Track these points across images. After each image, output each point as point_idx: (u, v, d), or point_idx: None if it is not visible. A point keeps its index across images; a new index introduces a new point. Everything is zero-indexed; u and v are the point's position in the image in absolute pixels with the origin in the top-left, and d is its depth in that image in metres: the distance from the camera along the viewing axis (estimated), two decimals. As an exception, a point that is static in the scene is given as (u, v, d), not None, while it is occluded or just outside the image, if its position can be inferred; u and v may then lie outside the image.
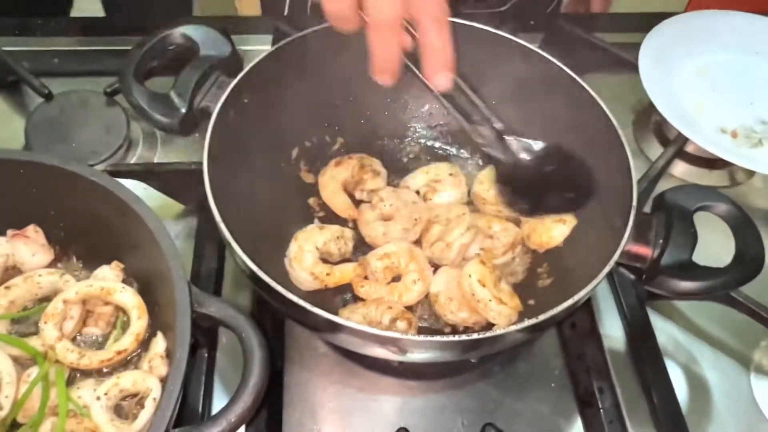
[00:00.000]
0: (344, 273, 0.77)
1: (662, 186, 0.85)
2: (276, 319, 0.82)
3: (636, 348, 0.83)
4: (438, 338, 0.61)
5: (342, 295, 0.80)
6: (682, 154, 1.01)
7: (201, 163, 0.91)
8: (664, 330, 0.86)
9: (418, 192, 0.88)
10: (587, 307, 0.85)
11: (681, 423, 0.77)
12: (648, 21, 1.09)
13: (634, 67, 1.02)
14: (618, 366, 0.82)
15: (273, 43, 1.08)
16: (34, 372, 0.67)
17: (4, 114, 1.04)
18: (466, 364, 0.81)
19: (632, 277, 0.88)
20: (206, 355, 0.79)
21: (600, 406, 0.78)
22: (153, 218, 0.67)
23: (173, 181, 0.89)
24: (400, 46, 0.65)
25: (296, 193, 0.88)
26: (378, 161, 0.90)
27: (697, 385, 0.83)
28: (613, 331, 0.85)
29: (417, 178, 0.88)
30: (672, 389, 0.79)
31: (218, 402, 0.77)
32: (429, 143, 0.97)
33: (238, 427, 0.57)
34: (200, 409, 0.75)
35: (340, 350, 0.81)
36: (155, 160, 0.98)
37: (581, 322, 0.84)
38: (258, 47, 1.08)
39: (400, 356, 0.65)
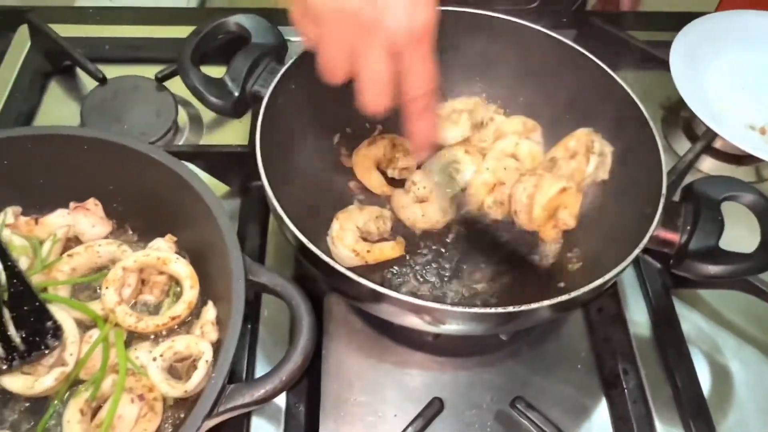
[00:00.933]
0: (383, 250, 0.81)
1: (690, 180, 0.88)
2: (314, 296, 0.86)
3: (660, 333, 0.86)
4: (471, 309, 0.65)
5: (380, 272, 0.83)
6: (709, 150, 1.04)
7: (246, 146, 0.97)
8: (688, 318, 0.89)
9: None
10: (614, 293, 0.89)
11: (703, 406, 0.80)
12: (679, 20, 1.11)
13: (664, 65, 1.05)
14: (642, 350, 0.85)
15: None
16: (94, 334, 0.72)
17: (59, 97, 1.09)
18: (495, 343, 0.84)
19: (658, 265, 0.91)
20: (249, 327, 0.83)
21: (624, 387, 0.81)
22: (210, 194, 0.71)
23: (219, 162, 0.94)
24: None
25: (337, 176, 0.92)
26: (405, 140, 0.94)
27: (720, 372, 0.85)
28: (638, 316, 0.88)
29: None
30: (695, 374, 0.82)
31: (261, 371, 0.81)
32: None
33: (288, 385, 0.61)
34: (244, 377, 0.79)
35: (376, 327, 0.85)
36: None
37: (608, 307, 0.88)
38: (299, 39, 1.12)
39: (436, 327, 0.69)
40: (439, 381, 0.82)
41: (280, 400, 0.78)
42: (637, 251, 0.69)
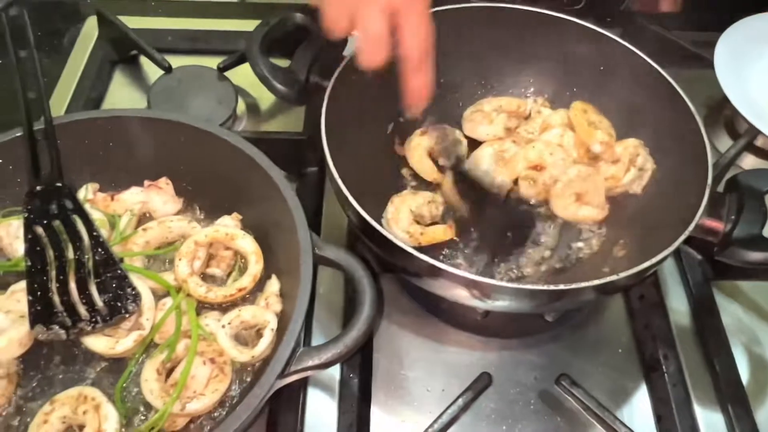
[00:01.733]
0: (436, 233, 0.85)
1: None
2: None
3: (700, 322, 0.88)
4: (522, 285, 0.69)
5: (431, 254, 0.87)
6: (751, 148, 1.06)
7: (302, 134, 1.02)
8: (727, 309, 0.91)
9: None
10: (655, 282, 0.92)
11: (741, 392, 0.83)
12: (723, 20, 1.14)
13: (707, 64, 1.07)
14: (682, 337, 0.87)
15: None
16: (167, 302, 0.77)
17: (125, 83, 1.16)
18: (539, 326, 0.88)
19: (699, 257, 0.94)
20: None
21: (665, 371, 0.84)
22: (279, 174, 0.76)
23: (277, 148, 0.98)
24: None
25: (390, 163, 0.96)
26: (459, 131, 0.98)
27: (758, 363, 0.88)
28: (678, 305, 0.90)
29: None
30: (734, 361, 0.85)
31: (316, 343, 0.86)
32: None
33: (352, 351, 0.66)
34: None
35: (425, 307, 0.89)
36: (258, 131, 1.09)
37: (649, 295, 0.91)
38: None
39: (485, 303, 0.73)
40: (485, 360, 0.86)
41: (336, 371, 0.83)
42: (682, 238, 0.72)
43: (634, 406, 0.83)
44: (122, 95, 1.14)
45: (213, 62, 1.12)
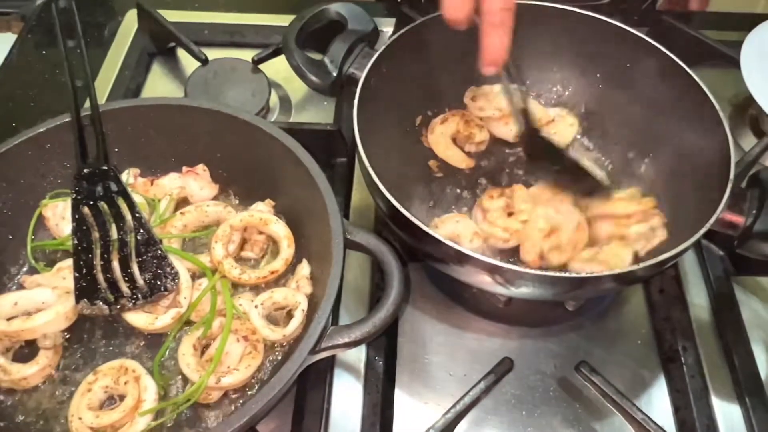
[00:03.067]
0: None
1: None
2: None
3: (720, 316, 0.90)
4: (545, 272, 0.71)
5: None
6: (776, 147, 1.07)
7: (333, 125, 1.05)
8: (747, 304, 0.92)
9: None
10: (676, 275, 0.93)
11: (759, 385, 0.84)
12: (750, 20, 1.14)
13: (733, 63, 1.08)
14: (701, 330, 0.89)
15: (396, 25, 1.21)
16: (203, 282, 0.81)
17: (163, 74, 1.20)
18: (560, 316, 0.90)
19: (720, 252, 0.95)
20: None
21: (683, 362, 0.86)
22: (312, 162, 0.79)
23: (309, 139, 1.01)
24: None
25: (418, 155, 0.99)
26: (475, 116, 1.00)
27: (777, 358, 0.89)
28: (698, 299, 0.92)
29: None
30: (752, 353, 0.86)
31: (343, 326, 0.89)
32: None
33: (379, 331, 0.69)
34: (328, 331, 0.87)
35: (449, 295, 0.92)
36: (290, 122, 1.12)
37: (669, 289, 0.93)
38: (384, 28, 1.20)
39: (509, 289, 0.75)
40: (507, 347, 0.88)
41: (362, 354, 0.86)
42: (703, 230, 0.74)
43: (653, 397, 0.85)
44: (160, 86, 1.18)
45: (247, 55, 1.16)
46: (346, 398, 0.82)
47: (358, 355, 0.86)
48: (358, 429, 0.80)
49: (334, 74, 0.88)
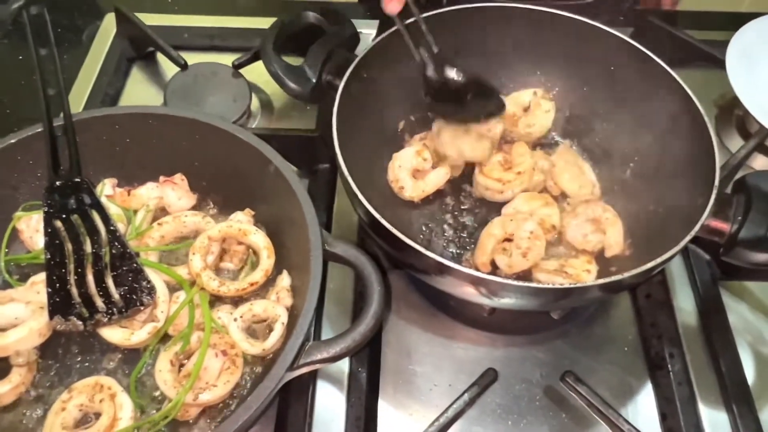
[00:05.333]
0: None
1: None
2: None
3: (707, 321, 0.89)
4: (528, 284, 0.70)
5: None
6: (762, 148, 1.06)
7: (315, 131, 1.03)
8: (734, 309, 0.92)
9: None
10: (662, 281, 0.92)
11: (746, 391, 0.83)
12: (736, 20, 1.13)
13: (719, 64, 1.08)
14: (688, 336, 0.88)
15: (379, 28, 1.19)
16: (181, 295, 0.79)
17: (142, 80, 1.18)
18: (546, 323, 0.89)
19: (707, 257, 0.94)
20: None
21: (670, 369, 0.85)
22: (290, 171, 0.78)
23: (291, 145, 1.00)
24: None
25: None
26: None
27: (764, 362, 0.88)
28: (685, 304, 0.91)
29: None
30: (739, 359, 0.86)
31: (326, 337, 0.88)
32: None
33: (360, 345, 0.68)
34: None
35: (434, 304, 0.91)
36: (271, 128, 1.11)
37: (656, 294, 0.92)
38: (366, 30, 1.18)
39: (492, 300, 0.74)
40: (492, 356, 0.87)
41: (345, 365, 0.84)
42: (687, 239, 0.73)
43: (639, 404, 0.84)
44: (139, 92, 1.16)
45: (228, 59, 1.14)
46: (329, 410, 0.81)
47: (341, 367, 0.85)
48: (341, 442, 0.79)
49: (314, 80, 0.86)
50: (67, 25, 1.25)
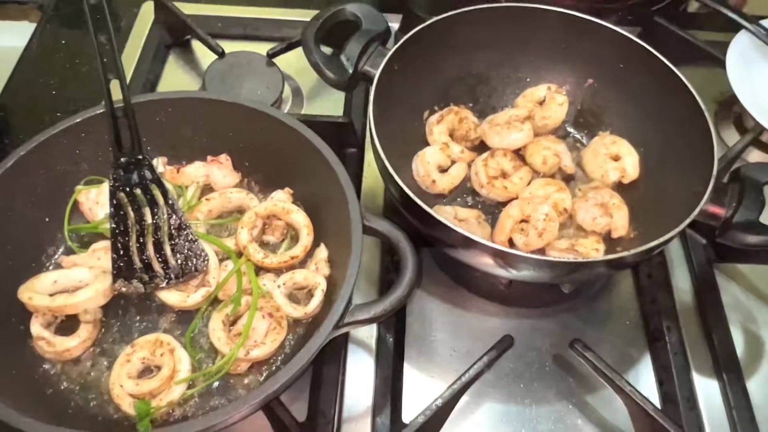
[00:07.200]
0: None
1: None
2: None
3: (701, 299, 0.98)
4: (543, 257, 0.79)
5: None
6: (757, 143, 1.15)
7: (344, 117, 1.11)
8: (727, 289, 1.00)
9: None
10: (662, 262, 1.01)
11: (735, 362, 0.92)
12: (737, 22, 1.21)
13: (719, 63, 1.16)
14: (684, 312, 0.97)
15: (402, 21, 1.27)
16: (228, 264, 0.88)
17: (178, 66, 1.25)
18: (555, 298, 0.98)
19: (703, 241, 1.03)
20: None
21: (667, 341, 0.94)
22: (330, 152, 0.86)
23: (322, 130, 1.08)
24: None
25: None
26: (468, 111, 1.06)
27: (753, 338, 0.97)
28: (682, 284, 1.00)
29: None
30: (729, 334, 0.95)
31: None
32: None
33: (396, 309, 0.76)
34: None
35: (454, 278, 0.99)
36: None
37: (656, 274, 1.00)
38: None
39: (509, 272, 0.82)
40: (506, 326, 0.96)
41: (373, 331, 0.93)
42: (687, 221, 0.82)
43: (639, 372, 0.94)
44: (176, 77, 1.24)
45: (258, 47, 1.22)
46: (359, 371, 0.90)
47: (369, 332, 0.93)
48: (370, 399, 0.87)
49: (350, 71, 0.94)
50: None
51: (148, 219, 0.83)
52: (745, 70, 1.14)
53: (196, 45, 1.27)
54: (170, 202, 0.84)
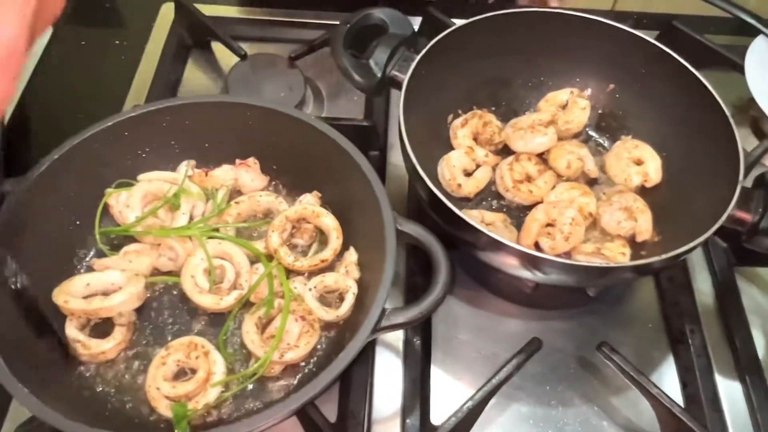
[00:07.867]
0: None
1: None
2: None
3: (723, 303, 0.99)
4: (569, 261, 0.80)
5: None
6: (776, 148, 1.16)
7: (366, 120, 1.12)
8: (748, 293, 1.01)
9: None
10: (683, 266, 1.02)
11: (758, 365, 0.93)
12: (754, 27, 1.22)
13: (737, 67, 1.17)
14: (706, 315, 0.98)
15: (422, 24, 1.28)
16: (259, 267, 0.88)
17: (200, 68, 1.26)
18: (579, 301, 0.99)
19: (724, 245, 1.04)
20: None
21: (690, 343, 0.95)
22: (360, 156, 0.87)
23: (345, 132, 1.09)
24: None
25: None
26: (492, 115, 1.07)
27: (774, 342, 0.99)
28: (704, 287, 1.01)
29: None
30: (751, 336, 0.96)
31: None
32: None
33: (430, 312, 0.77)
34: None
35: (479, 282, 1.00)
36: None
37: (678, 277, 1.02)
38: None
39: (536, 275, 0.83)
40: (531, 328, 0.97)
41: (400, 334, 0.94)
42: (716, 226, 0.83)
43: (662, 374, 0.95)
44: (197, 79, 1.24)
45: (278, 49, 1.22)
46: (388, 373, 0.91)
47: (397, 335, 0.94)
48: (399, 401, 0.88)
49: (378, 76, 0.95)
50: (126, 14, 1.33)
51: (182, 222, 0.84)
52: (763, 73, 1.15)
53: (216, 47, 1.27)
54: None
